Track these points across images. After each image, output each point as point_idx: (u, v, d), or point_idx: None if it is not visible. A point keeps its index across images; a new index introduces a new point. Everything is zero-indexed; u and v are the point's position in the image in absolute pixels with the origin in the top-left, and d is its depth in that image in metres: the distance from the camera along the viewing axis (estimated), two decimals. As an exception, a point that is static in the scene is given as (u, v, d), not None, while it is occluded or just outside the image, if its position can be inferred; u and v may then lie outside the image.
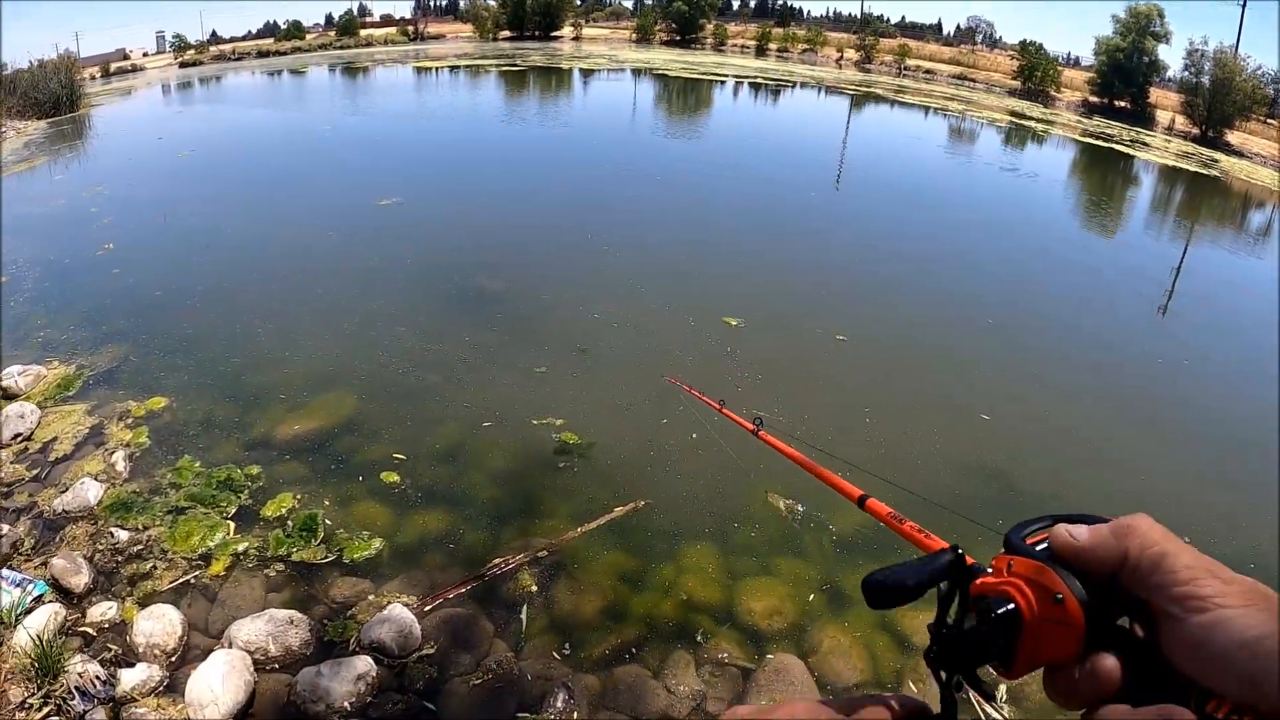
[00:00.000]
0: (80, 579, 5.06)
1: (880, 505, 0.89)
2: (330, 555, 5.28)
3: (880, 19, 60.25)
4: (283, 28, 60.25)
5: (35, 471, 6.27)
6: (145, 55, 59.52)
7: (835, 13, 65.98)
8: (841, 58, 52.19)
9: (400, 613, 4.72)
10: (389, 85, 38.59)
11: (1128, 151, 27.41)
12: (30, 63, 33.72)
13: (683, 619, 4.84)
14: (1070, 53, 51.08)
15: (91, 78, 42.78)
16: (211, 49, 57.94)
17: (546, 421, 6.91)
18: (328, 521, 5.57)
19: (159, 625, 4.63)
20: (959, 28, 62.43)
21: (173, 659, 4.54)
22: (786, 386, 7.77)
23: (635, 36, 58.38)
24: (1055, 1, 64.43)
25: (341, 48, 55.72)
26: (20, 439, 6.69)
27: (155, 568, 5.19)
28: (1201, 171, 26.08)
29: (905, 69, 48.67)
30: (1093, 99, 40.06)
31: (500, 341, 8.45)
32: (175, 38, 59.16)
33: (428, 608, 4.89)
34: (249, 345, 8.36)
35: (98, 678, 4.35)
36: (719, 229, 13.15)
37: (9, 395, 7.34)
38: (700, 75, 39.20)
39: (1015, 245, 13.74)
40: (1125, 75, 38.23)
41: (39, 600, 4.96)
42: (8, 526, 5.66)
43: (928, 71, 47.86)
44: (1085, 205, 18.68)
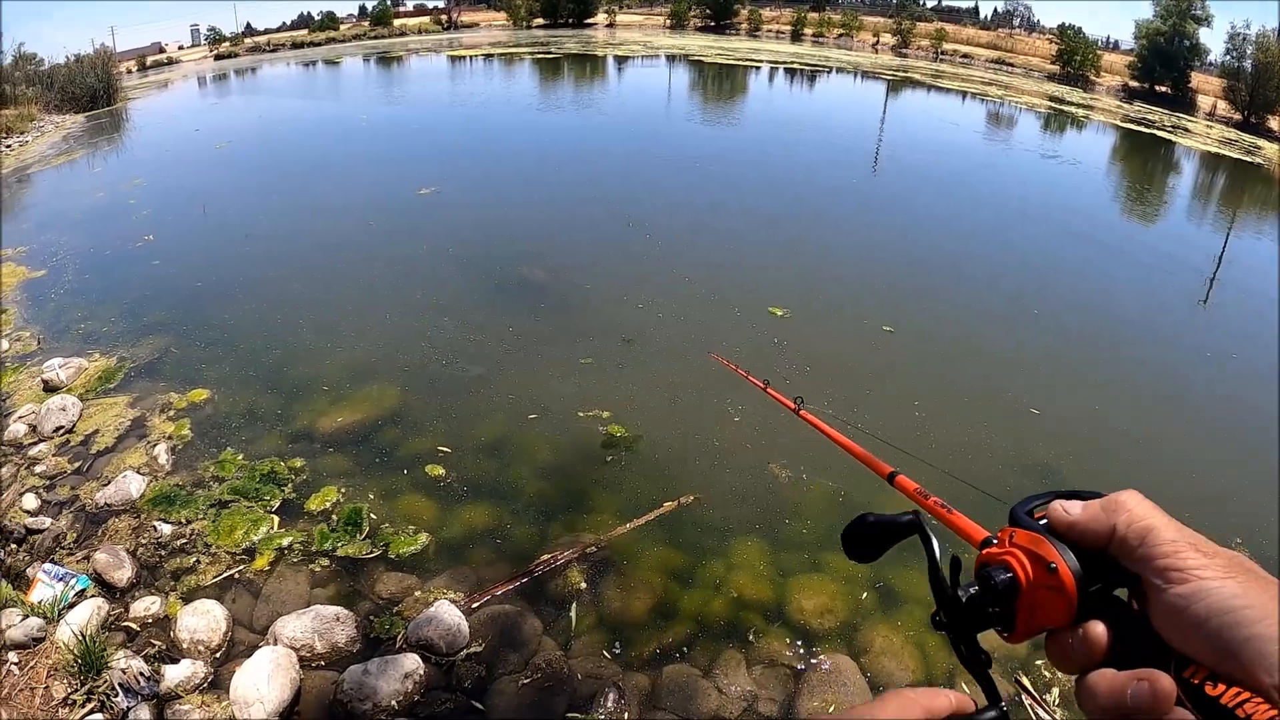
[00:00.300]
0: (123, 573, 5.08)
1: (908, 481, 0.95)
2: (376, 550, 5.26)
3: (916, 3, 59.46)
4: (317, 19, 60.86)
5: (77, 464, 6.33)
6: (180, 49, 60.40)
7: (871, -4, 65.18)
8: (878, 42, 51.68)
9: (448, 610, 4.68)
10: (423, 74, 38.79)
11: (1168, 138, 26.82)
12: (67, 58, 34.36)
13: (733, 617, 4.77)
14: (1110, 36, 50.09)
15: (128, 72, 43.50)
16: (246, 41, 58.71)
17: (593, 414, 6.85)
18: (373, 516, 5.55)
19: (203, 621, 4.63)
20: (996, 11, 61.20)
21: (217, 655, 4.54)
22: (835, 378, 7.64)
23: (669, 23, 58.21)
24: (1094, -16, 63.04)
25: (375, 38, 56.19)
26: (62, 432, 6.75)
27: (199, 562, 5.20)
28: (1244, 159, 25.41)
29: (942, 53, 48.06)
30: (1133, 84, 39.27)
31: (544, 332, 8.42)
32: (210, 31, 60.00)
33: (475, 605, 4.84)
34: (290, 336, 8.41)
35: (141, 674, 4.36)
36: (759, 216, 13.01)
37: (50, 388, 7.42)
38: (735, 61, 38.97)
39: (1057, 233, 13.41)
40: (1166, 59, 37.44)
41: (81, 595, 4.99)
42: (49, 520, 5.71)
43: (965, 56, 47.23)
44: (1126, 192, 18.24)
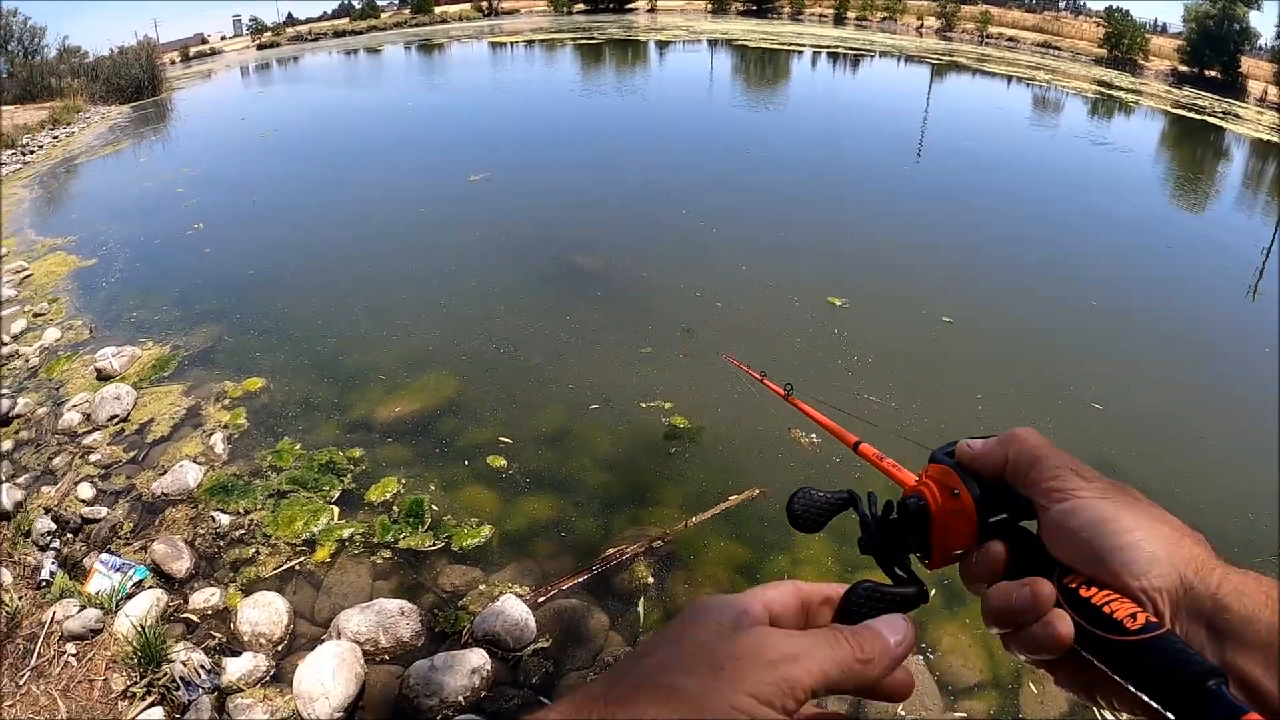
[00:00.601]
0: (181, 564, 5.09)
1: (869, 448, 0.98)
2: (438, 543, 5.22)
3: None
4: (358, 7, 61.43)
5: (132, 454, 6.39)
6: (223, 39, 61.38)
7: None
8: (922, 25, 50.85)
9: (514, 604, 4.61)
10: (465, 61, 39.03)
11: (1218, 124, 26.05)
12: (111, 50, 35.04)
13: None
14: (1158, 19, 48.80)
15: (171, 62, 44.28)
16: (288, 31, 59.41)
17: (655, 404, 6.76)
18: (434, 507, 5.51)
19: (265, 613, 4.61)
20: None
21: (279, 648, 4.53)
22: (896, 370, 7.47)
23: (711, 7, 57.72)
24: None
25: (416, 25, 56.51)
26: (116, 420, 6.81)
27: (258, 553, 5.20)
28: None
29: (987, 37, 47.22)
30: (1182, 68, 38.19)
31: (602, 321, 8.34)
32: (252, 21, 60.86)
33: (541, 599, 4.78)
34: (345, 325, 8.44)
35: (202, 666, 4.35)
36: (810, 203, 12.85)
37: (104, 376, 7.50)
38: (778, 45, 38.64)
39: (1109, 222, 13.01)
40: (1215, 44, 36.38)
41: (139, 586, 5.00)
42: (105, 509, 5.75)
43: (1010, 40, 46.31)
44: (1176, 180, 17.70)
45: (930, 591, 0.81)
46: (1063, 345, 8.34)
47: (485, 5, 61.23)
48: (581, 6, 59.08)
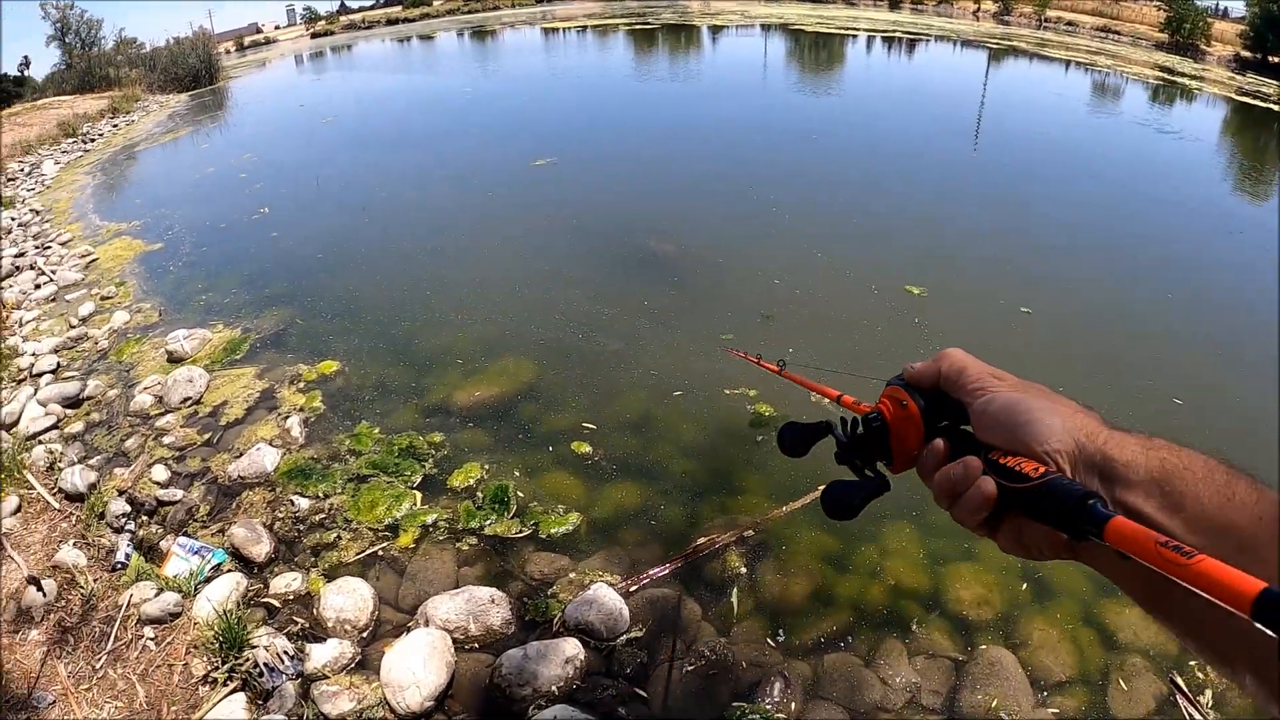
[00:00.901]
0: (261, 548, 5.07)
1: (848, 397, 1.16)
2: (525, 529, 5.14)
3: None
4: (411, -5, 61.98)
5: (206, 436, 6.41)
6: (277, 28, 62.43)
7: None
8: (978, 9, 49.90)
9: (606, 593, 4.52)
10: (519, 47, 39.21)
11: None
12: (167, 40, 35.87)
13: (891, 605, 4.62)
14: (1219, 3, 47.17)
15: (226, 52, 45.27)
16: (341, 19, 60.23)
17: (739, 392, 6.63)
18: (519, 493, 5.44)
19: (349, 600, 4.57)
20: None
21: (364, 635, 4.48)
22: (982, 359, 7.27)
23: (765, -10, 57.29)
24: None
25: (469, 12, 56.90)
26: (189, 403, 6.85)
27: (339, 538, 5.16)
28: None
29: (1046, 21, 46.22)
30: (1245, 54, 36.96)
31: (680, 306, 8.22)
32: (305, 9, 61.86)
33: (633, 588, 4.68)
34: (418, 308, 8.43)
35: (285, 652, 4.31)
36: (878, 189, 12.57)
37: (175, 359, 7.56)
38: (833, 30, 38.21)
39: (1181, 213, 12.57)
40: (1279, 29, 35.21)
41: (218, 569, 4.99)
42: (181, 492, 5.76)
43: (1069, 23, 45.25)
44: (1244, 172, 17.05)
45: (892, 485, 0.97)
46: (1139, 336, 8.08)
47: (538, -9, 61.43)
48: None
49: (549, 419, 6.34)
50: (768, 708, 3.96)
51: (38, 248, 12.03)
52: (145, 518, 5.58)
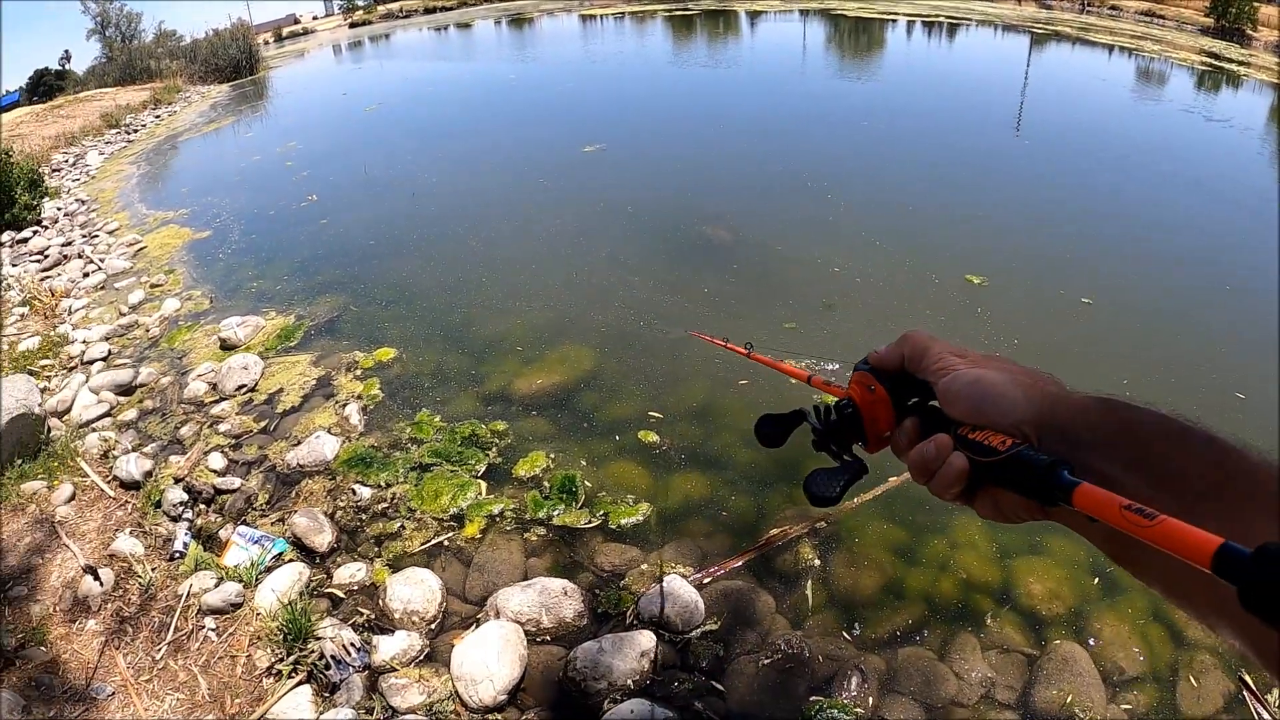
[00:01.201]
0: (323, 538, 5.03)
1: (818, 377, 1.21)
2: (594, 520, 5.06)
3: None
4: (449, -17, 62.20)
5: (263, 424, 6.40)
6: (315, 19, 63.01)
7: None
8: None
9: (681, 585, 4.44)
10: (558, 34, 39.22)
11: None
12: (206, 32, 36.38)
13: (962, 598, 4.56)
14: None
15: (265, 43, 45.77)
16: (379, 8, 60.61)
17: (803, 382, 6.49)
18: (586, 483, 5.37)
19: (417, 590, 4.51)
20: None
21: (432, 626, 4.42)
22: (1041, 352, 7.09)
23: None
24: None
25: (506, 0, 56.95)
26: (244, 390, 6.84)
27: (403, 528, 5.11)
28: None
29: (1089, 5, 45.33)
30: None
31: (740, 294, 8.10)
32: (343, 0, 62.28)
33: (707, 580, 4.60)
34: (474, 294, 8.39)
35: (352, 644, 4.26)
36: (926, 175, 12.31)
37: (228, 346, 7.57)
38: (873, 15, 37.77)
39: (1235, 202, 12.20)
40: None
41: (279, 559, 4.96)
42: (239, 480, 5.73)
43: (1113, 8, 44.36)
44: None
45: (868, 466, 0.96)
46: (1199, 328, 7.84)
47: (575, -22, 61.41)
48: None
49: (612, 407, 6.26)
50: (845, 702, 3.90)
51: (85, 236, 12.17)
52: (203, 506, 5.57)
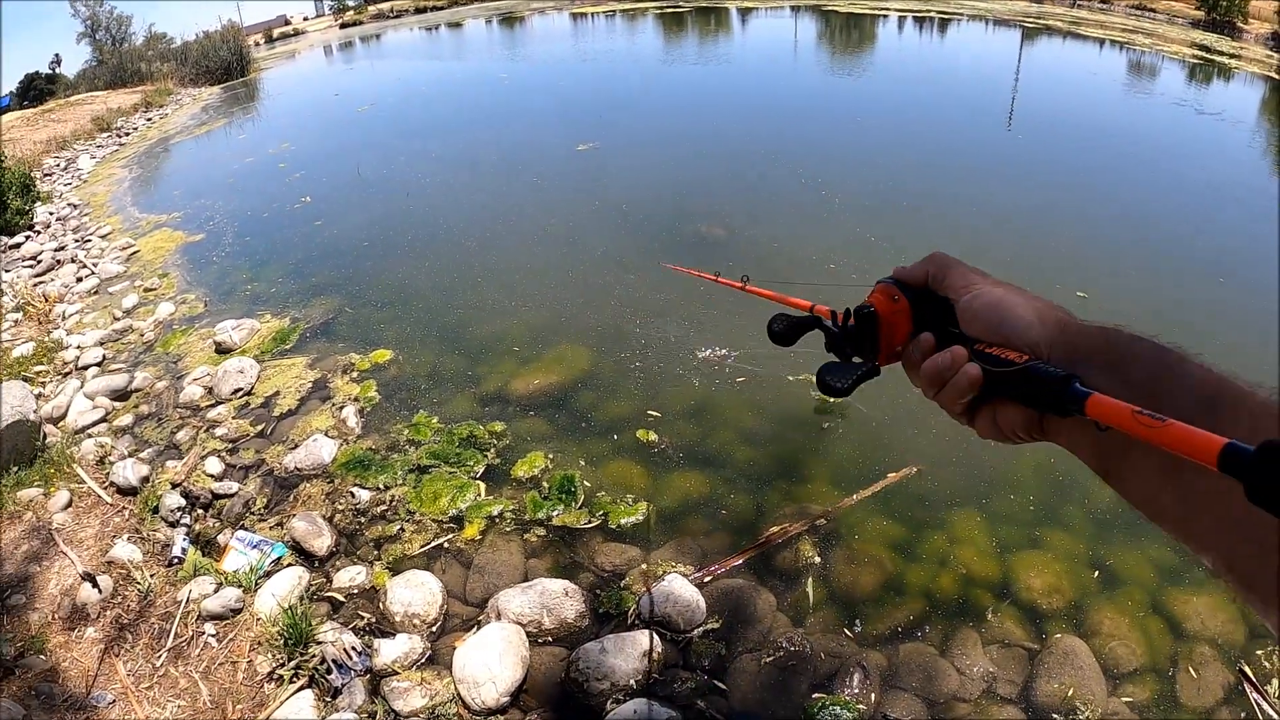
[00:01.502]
0: (322, 541, 5.01)
1: (822, 307, 1.19)
2: (594, 520, 5.06)
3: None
4: (439, -18, 62.10)
5: (259, 427, 6.38)
6: (305, 19, 62.89)
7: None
8: None
9: (682, 584, 4.44)
10: (550, 33, 39.17)
11: None
12: (197, 34, 36.33)
13: (962, 594, 4.58)
14: None
15: (256, 44, 45.63)
16: (369, 9, 60.51)
17: (803, 379, 6.50)
18: (585, 483, 5.36)
19: (418, 593, 4.50)
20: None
21: (433, 629, 4.42)
22: None
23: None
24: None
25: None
26: (240, 394, 6.82)
27: (402, 530, 5.10)
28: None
29: None
30: None
31: (734, 291, 8.05)
32: (334, 0, 62.21)
33: (708, 579, 4.59)
34: (469, 295, 8.38)
35: (353, 648, 4.25)
36: (918, 170, 12.31)
37: (223, 350, 7.54)
38: (864, 11, 37.78)
39: (1226, 195, 12.19)
40: None
41: (278, 563, 4.95)
42: (236, 485, 5.71)
43: (1104, 1, 44.44)
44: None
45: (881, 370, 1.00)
46: (1195, 322, 7.86)
47: (565, -24, 61.28)
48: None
49: (610, 407, 6.26)
50: (847, 698, 3.91)
51: (77, 241, 12.12)
52: (200, 511, 5.55)
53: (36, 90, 44.49)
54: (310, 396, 6.65)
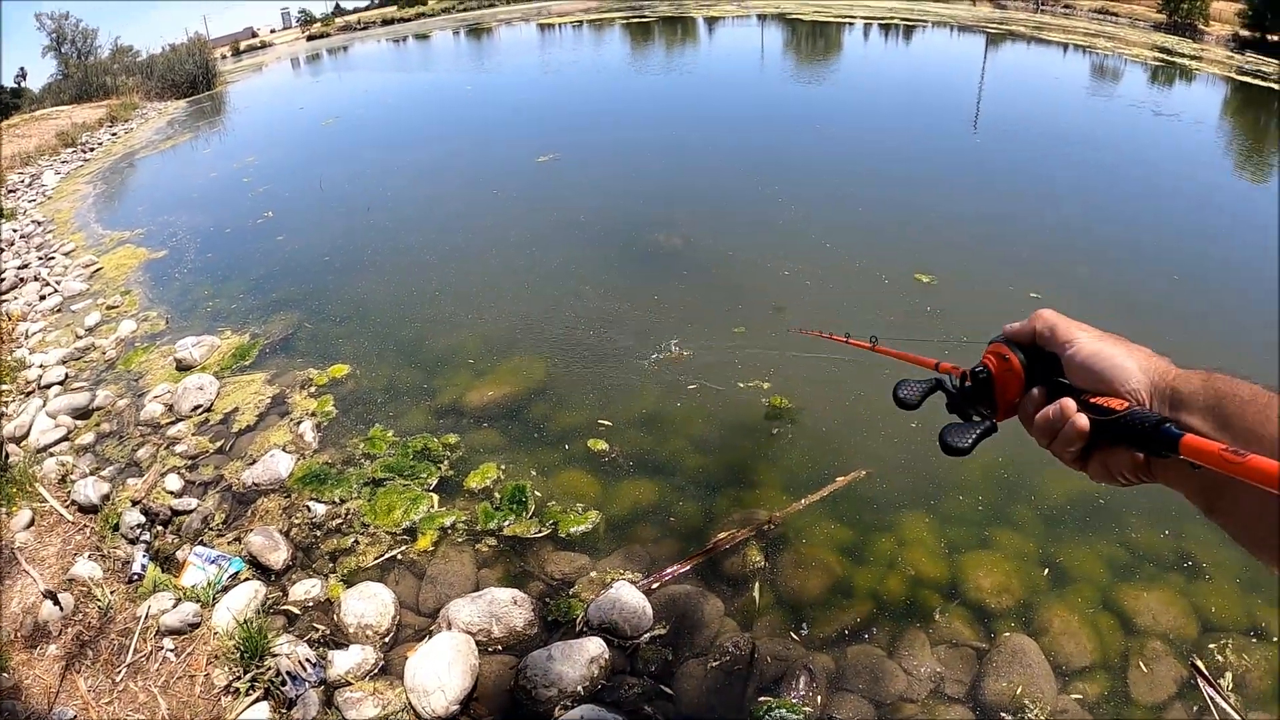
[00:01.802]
0: (279, 555, 5.04)
1: (946, 363, 1.28)
2: (544, 529, 5.12)
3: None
4: (405, -6, 61.91)
5: (219, 444, 6.39)
6: (273, 32, 62.53)
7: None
8: None
9: (629, 591, 4.50)
10: (516, 44, 39.13)
11: None
12: (163, 48, 35.98)
13: (911, 595, 4.61)
14: None
15: (223, 57, 45.28)
16: (337, 21, 60.25)
17: (753, 384, 6.59)
18: (536, 493, 5.41)
19: (370, 605, 4.54)
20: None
21: (385, 639, 4.45)
22: None
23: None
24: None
25: (464, 10, 56.78)
26: (200, 410, 6.83)
27: (357, 543, 5.14)
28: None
29: (1043, 4, 45.82)
30: (1244, 33, 36.58)
31: (690, 300, 8.17)
32: (301, 13, 61.95)
33: (655, 585, 4.66)
34: (426, 308, 8.40)
35: (307, 660, 4.28)
36: (878, 176, 12.44)
37: (184, 367, 7.54)
38: (830, 19, 38.01)
39: (1181, 194, 12.40)
40: (1277, 7, 34.80)
41: (236, 578, 4.98)
42: (195, 501, 5.73)
43: (1067, 6, 44.87)
44: (1247, 151, 16.83)
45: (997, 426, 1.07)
46: (1148, 320, 8.01)
47: (533, -14, 61.21)
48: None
49: (563, 417, 6.31)
50: (794, 701, 3.94)
51: (41, 259, 12.01)
52: (160, 528, 5.56)
53: (1, 105, 43.99)
54: (269, 412, 6.66)
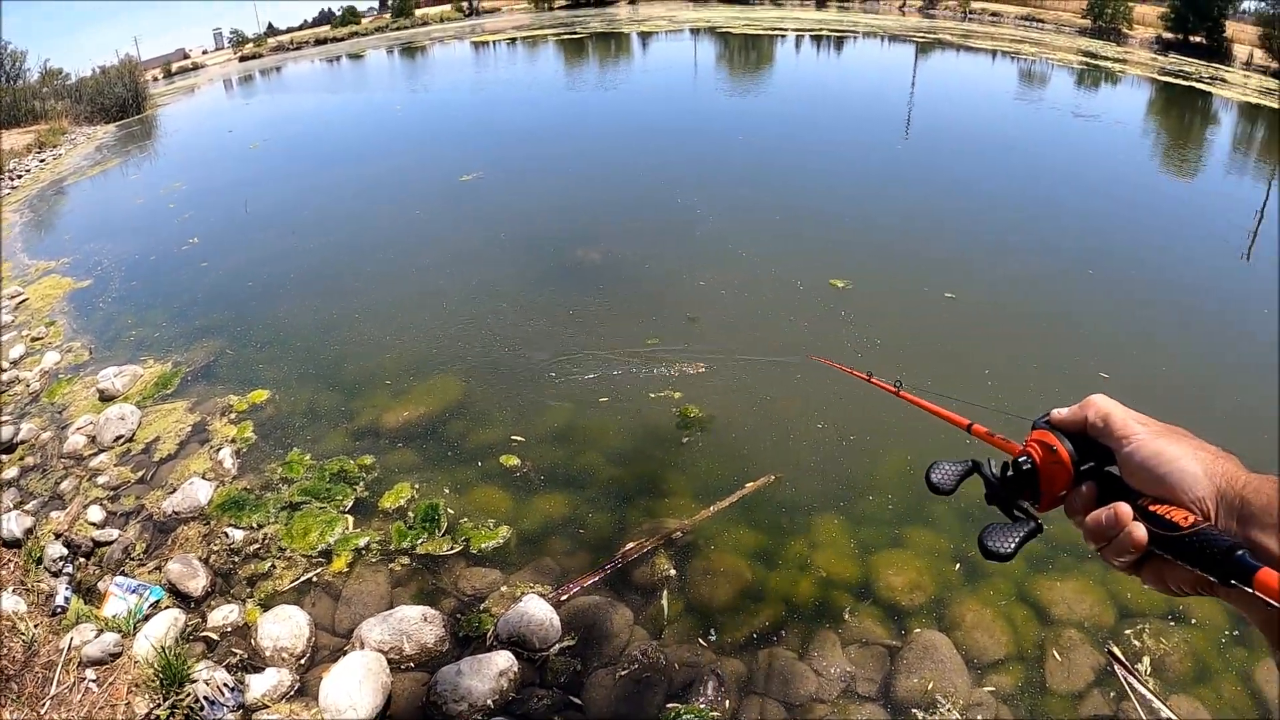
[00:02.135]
0: (197, 582, 5.04)
1: (980, 427, 1.22)
2: (456, 546, 5.19)
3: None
4: (338, 15, 61.20)
5: (140, 473, 6.34)
6: (205, 53, 61.42)
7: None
8: (904, 4, 50.21)
9: (538, 604, 4.57)
10: (449, 62, 38.83)
11: (1206, 89, 25.73)
12: (93, 70, 35.16)
13: (822, 597, 4.70)
14: None
15: (154, 79, 44.33)
16: (269, 41, 59.35)
17: (664, 395, 6.71)
18: (449, 511, 5.47)
19: (285, 627, 4.57)
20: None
21: (301, 661, 4.49)
22: (905, 348, 7.45)
23: (692, -5, 57.16)
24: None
25: (398, 29, 56.25)
26: (122, 441, 6.76)
27: (274, 567, 5.16)
28: (1283, 108, 24.33)
29: (970, 13, 46.78)
30: (1167, 35, 37.79)
31: (606, 314, 8.27)
32: (233, 33, 60.89)
33: (565, 597, 4.74)
34: (346, 331, 8.38)
35: (225, 685, 4.30)
36: (802, 186, 12.74)
37: (107, 397, 7.45)
38: (761, 31, 38.39)
39: (1099, 193, 12.82)
40: (1199, 9, 35.85)
41: (156, 606, 4.96)
42: (117, 531, 5.70)
43: (993, 14, 45.83)
44: (1164, 148, 17.44)
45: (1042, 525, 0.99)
46: (1064, 315, 8.26)
47: (466, 5, 60.74)
48: (563, 2, 58.52)
49: (477, 435, 6.37)
50: (702, 707, 4.02)
51: (-34, 292, 11.75)
52: (83, 560, 5.52)
53: (-72, 133, 42.68)
54: (190, 440, 6.62)
